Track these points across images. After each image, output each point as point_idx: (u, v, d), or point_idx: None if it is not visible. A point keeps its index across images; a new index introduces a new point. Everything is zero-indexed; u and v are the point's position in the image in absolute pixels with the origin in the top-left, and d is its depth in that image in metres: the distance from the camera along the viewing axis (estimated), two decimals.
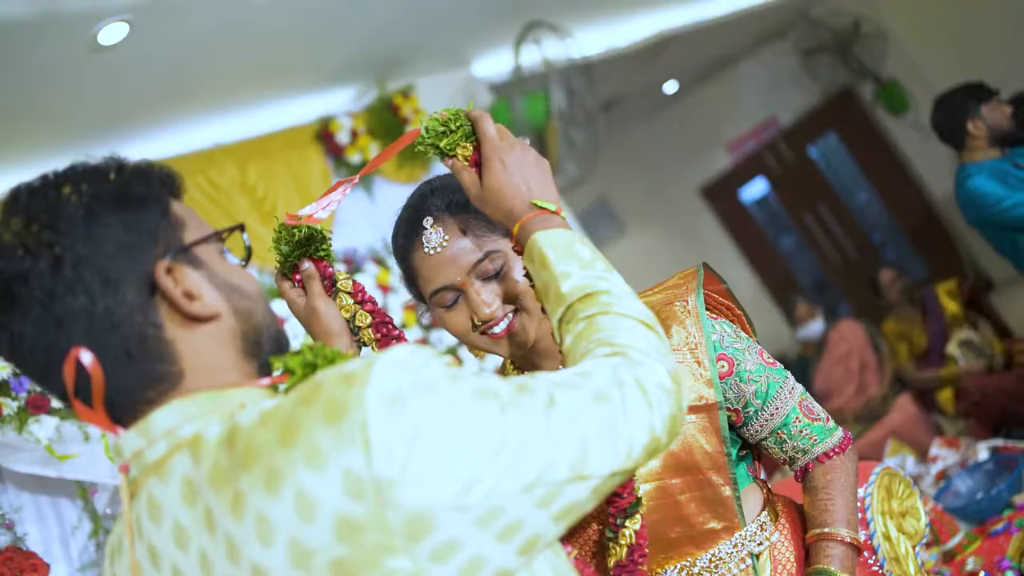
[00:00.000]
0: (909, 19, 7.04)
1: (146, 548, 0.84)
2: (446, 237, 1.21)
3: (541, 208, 1.06)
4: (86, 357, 0.81)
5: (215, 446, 0.79)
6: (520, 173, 1.07)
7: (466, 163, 1.09)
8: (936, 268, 7.23)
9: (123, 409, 0.84)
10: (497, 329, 1.23)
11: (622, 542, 1.19)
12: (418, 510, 0.73)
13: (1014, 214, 3.00)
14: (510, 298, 1.23)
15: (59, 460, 2.01)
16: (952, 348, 4.40)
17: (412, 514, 0.73)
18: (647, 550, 1.20)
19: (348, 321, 1.23)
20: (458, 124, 1.09)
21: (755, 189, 8.40)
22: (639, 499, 1.20)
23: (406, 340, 1.24)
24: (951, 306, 4.44)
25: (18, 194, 0.84)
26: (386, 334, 1.24)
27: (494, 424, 0.77)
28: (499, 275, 1.22)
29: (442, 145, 1.09)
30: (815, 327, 4.92)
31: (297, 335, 2.95)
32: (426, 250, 1.22)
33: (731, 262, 8.43)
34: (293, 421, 0.76)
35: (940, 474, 3.64)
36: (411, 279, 1.28)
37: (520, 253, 1.06)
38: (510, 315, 1.23)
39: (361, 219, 3.47)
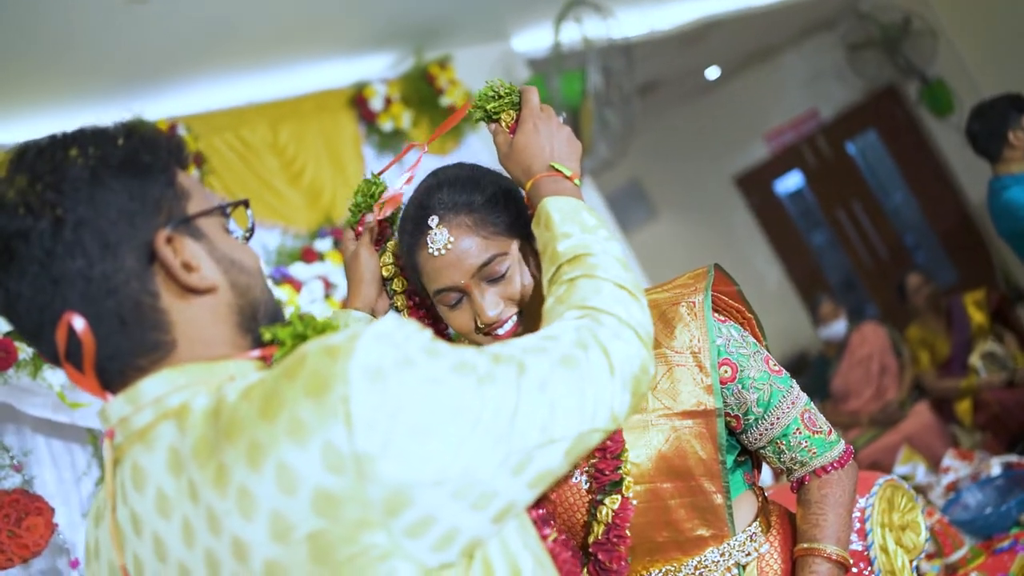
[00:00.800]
0: (961, 19, 6.88)
1: (128, 514, 0.85)
2: (451, 238, 1.19)
3: (557, 170, 1.14)
4: (78, 323, 0.81)
5: (201, 418, 0.80)
6: (548, 138, 1.17)
7: (506, 129, 1.21)
8: (967, 276, 7.13)
9: (113, 375, 0.85)
10: (501, 331, 1.22)
11: (600, 519, 1.20)
12: (397, 485, 0.74)
13: None
14: (515, 300, 1.21)
15: (70, 407, 2.04)
16: (975, 359, 4.34)
17: (391, 489, 0.74)
18: (627, 532, 1.21)
19: (386, 281, 1.33)
20: (507, 92, 1.22)
21: (790, 182, 8.30)
22: (622, 478, 1.21)
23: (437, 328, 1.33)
24: (977, 316, 4.38)
25: (25, 152, 0.84)
26: (418, 304, 1.33)
27: (471, 398, 0.79)
28: (504, 277, 1.21)
29: (489, 108, 1.22)
30: (838, 327, 4.87)
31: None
32: (430, 251, 1.20)
33: (761, 254, 8.36)
34: (276, 394, 0.77)
35: (951, 485, 3.61)
36: (415, 274, 1.27)
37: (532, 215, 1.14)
38: (515, 317, 1.22)
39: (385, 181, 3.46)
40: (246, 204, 0.97)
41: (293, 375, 0.77)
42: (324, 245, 3.08)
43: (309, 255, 3.01)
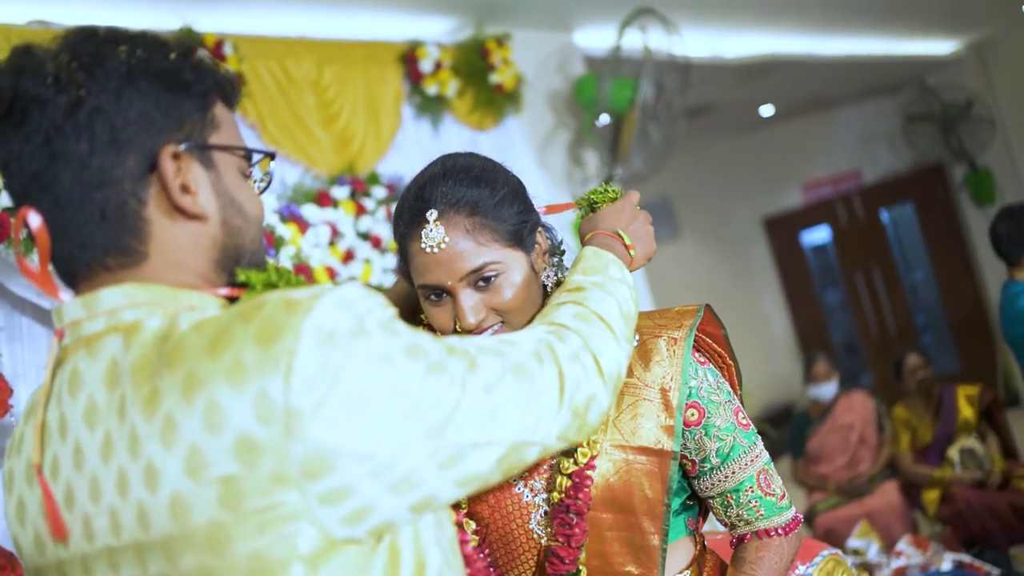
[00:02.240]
0: (1022, 115, 6.81)
1: (58, 416, 0.85)
2: (447, 238, 1.16)
3: (620, 236, 1.19)
4: (34, 220, 0.83)
5: (149, 338, 0.81)
6: (630, 219, 1.23)
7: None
8: (967, 368, 7.09)
9: (80, 265, 0.85)
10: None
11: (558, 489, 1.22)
12: (321, 449, 0.74)
13: None
14: (500, 310, 1.19)
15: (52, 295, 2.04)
16: (953, 452, 4.33)
17: (314, 451, 0.74)
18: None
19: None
20: (614, 192, 1.31)
21: (817, 235, 8.27)
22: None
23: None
24: (966, 411, 4.35)
25: (80, 33, 0.86)
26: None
27: (415, 383, 0.79)
28: (493, 285, 1.18)
29: (594, 197, 1.31)
30: (828, 389, 4.84)
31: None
32: (423, 245, 1.17)
33: (772, 297, 8.33)
34: (226, 333, 0.77)
35: (900, 571, 3.61)
36: (404, 260, 1.24)
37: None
38: (495, 326, 1.20)
39: (417, 148, 3.45)
40: (272, 156, 0.97)
41: (248, 318, 0.77)
42: (341, 193, 3.06)
43: (324, 199, 3.00)
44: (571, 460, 1.22)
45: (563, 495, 1.21)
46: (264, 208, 0.96)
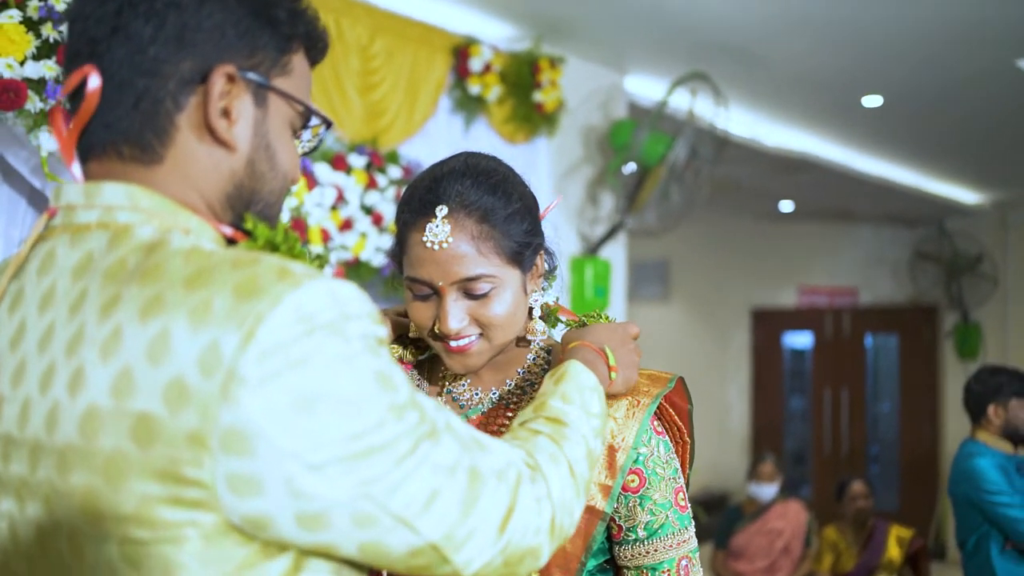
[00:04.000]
0: None
1: (18, 290, 0.83)
2: (451, 238, 1.12)
3: (605, 353, 1.14)
4: (94, 81, 0.81)
5: (135, 246, 0.78)
6: (621, 341, 1.18)
7: None
8: (906, 510, 7.12)
9: (96, 143, 0.83)
10: (454, 343, 1.17)
11: None
12: (249, 425, 0.69)
13: (1003, 512, 2.97)
14: (481, 323, 1.16)
15: (46, 177, 2.01)
16: None
17: (241, 425, 0.69)
18: None
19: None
20: (605, 318, 1.27)
21: (800, 339, 8.30)
22: None
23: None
24: (893, 551, 4.36)
25: None
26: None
27: (373, 413, 0.74)
28: (481, 298, 1.15)
29: (583, 316, 1.27)
30: (769, 490, 4.83)
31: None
32: (425, 239, 1.13)
33: (739, 388, 8.35)
34: (209, 272, 0.74)
35: None
36: (400, 246, 1.20)
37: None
38: (473, 337, 1.17)
39: (443, 141, 3.44)
40: (328, 124, 0.94)
41: (237, 267, 0.74)
42: (358, 162, 3.04)
43: (339, 162, 2.98)
44: None
45: None
46: (299, 171, 0.93)
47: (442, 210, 1.13)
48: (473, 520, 0.79)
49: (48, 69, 1.92)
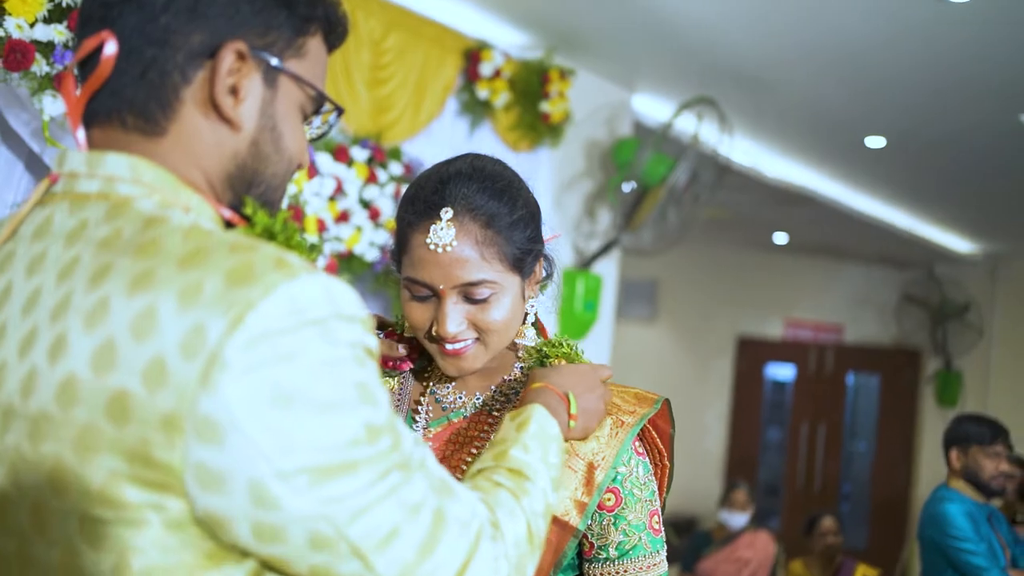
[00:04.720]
0: (1012, 338, 6.92)
1: (9, 252, 0.82)
2: (454, 242, 1.11)
3: (567, 399, 1.11)
4: (111, 47, 0.80)
5: (133, 217, 0.77)
6: (590, 387, 1.15)
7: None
8: (874, 550, 7.13)
9: (101, 110, 0.82)
10: (450, 347, 1.16)
11: None
12: (225, 413, 0.67)
13: (966, 559, 3.01)
14: (479, 328, 1.15)
15: (46, 141, 1.99)
16: None
17: (217, 413, 0.67)
18: None
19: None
20: (568, 349, 1.24)
21: (782, 371, 8.32)
22: None
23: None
24: None
25: None
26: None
27: (347, 426, 0.72)
28: (480, 303, 1.14)
29: (547, 352, 1.24)
30: (740, 519, 4.83)
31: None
32: (428, 240, 1.12)
33: (718, 414, 8.35)
34: (205, 254, 0.72)
35: None
36: (400, 246, 1.19)
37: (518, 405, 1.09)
38: (470, 341, 1.16)
39: (447, 142, 3.42)
40: (340, 112, 0.93)
41: (235, 252, 0.72)
42: (360, 155, 3.03)
43: (341, 154, 2.97)
44: None
45: None
46: (307, 157, 0.91)
47: (447, 213, 1.12)
48: (429, 566, 0.76)
49: (58, 33, 1.91)
